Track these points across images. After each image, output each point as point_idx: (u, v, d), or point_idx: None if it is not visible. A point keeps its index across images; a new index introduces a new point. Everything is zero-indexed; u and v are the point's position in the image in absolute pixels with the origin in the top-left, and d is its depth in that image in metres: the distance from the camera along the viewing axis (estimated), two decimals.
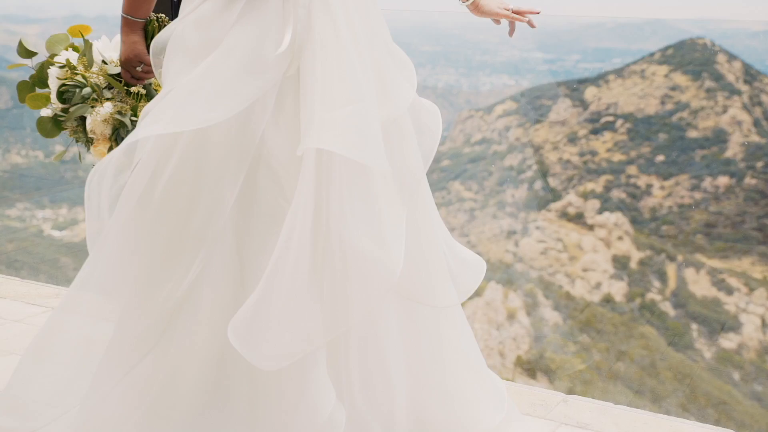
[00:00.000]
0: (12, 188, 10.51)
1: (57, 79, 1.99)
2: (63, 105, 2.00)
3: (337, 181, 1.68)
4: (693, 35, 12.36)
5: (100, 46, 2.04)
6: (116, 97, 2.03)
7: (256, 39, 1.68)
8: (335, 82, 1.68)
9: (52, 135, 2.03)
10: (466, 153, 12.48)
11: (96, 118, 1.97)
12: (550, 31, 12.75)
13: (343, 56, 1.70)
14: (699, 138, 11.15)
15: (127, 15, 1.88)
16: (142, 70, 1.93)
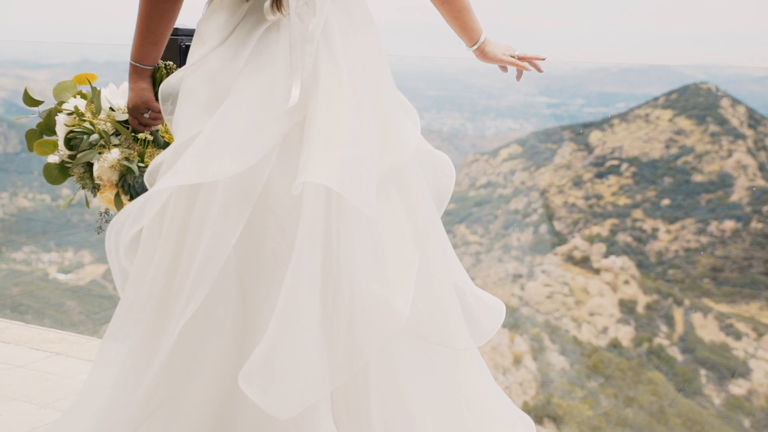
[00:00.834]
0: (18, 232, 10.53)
1: (65, 126, 2.00)
2: (70, 151, 2.01)
3: (347, 225, 1.68)
4: (697, 80, 12.43)
5: (107, 93, 2.06)
6: (123, 144, 2.04)
7: (266, 88, 1.69)
8: (336, 127, 1.69)
9: (59, 181, 2.04)
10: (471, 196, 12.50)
11: (103, 165, 1.97)
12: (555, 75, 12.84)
13: (344, 104, 1.71)
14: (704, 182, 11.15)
15: (135, 62, 1.90)
16: (150, 116, 1.94)
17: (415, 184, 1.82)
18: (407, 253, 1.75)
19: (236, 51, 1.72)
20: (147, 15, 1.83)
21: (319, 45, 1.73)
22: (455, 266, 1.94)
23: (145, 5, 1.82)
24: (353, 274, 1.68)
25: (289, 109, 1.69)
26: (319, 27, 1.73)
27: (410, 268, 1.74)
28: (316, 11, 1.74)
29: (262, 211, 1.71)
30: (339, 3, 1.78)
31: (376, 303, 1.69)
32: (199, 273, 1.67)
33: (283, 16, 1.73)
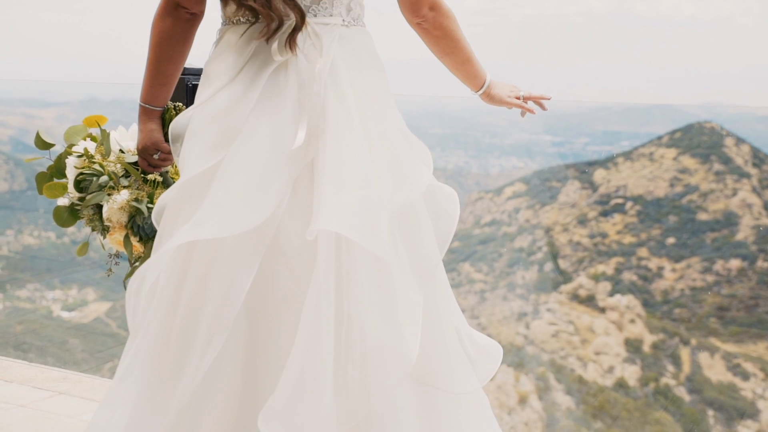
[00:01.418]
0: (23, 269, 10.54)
1: (75, 168, 2.01)
2: (80, 194, 2.01)
3: (357, 269, 1.68)
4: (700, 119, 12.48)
5: (117, 136, 2.07)
6: (133, 185, 2.04)
7: (276, 130, 1.70)
8: (347, 168, 1.69)
9: (69, 224, 2.04)
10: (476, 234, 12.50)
11: (113, 206, 1.98)
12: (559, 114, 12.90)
13: (355, 143, 1.71)
14: (709, 220, 11.14)
15: (145, 103, 1.91)
16: (159, 157, 1.95)
17: (418, 224, 1.82)
18: (412, 295, 1.75)
19: (244, 91, 1.73)
20: (157, 56, 1.84)
21: (327, 85, 1.74)
22: (454, 308, 1.93)
23: (155, 47, 1.84)
24: (363, 317, 1.67)
25: (300, 151, 1.70)
26: (327, 67, 1.74)
27: (416, 309, 1.73)
28: (323, 51, 1.75)
29: (272, 251, 1.71)
30: (346, 43, 1.80)
31: (385, 346, 1.68)
32: (216, 318, 1.66)
33: (291, 57, 1.74)
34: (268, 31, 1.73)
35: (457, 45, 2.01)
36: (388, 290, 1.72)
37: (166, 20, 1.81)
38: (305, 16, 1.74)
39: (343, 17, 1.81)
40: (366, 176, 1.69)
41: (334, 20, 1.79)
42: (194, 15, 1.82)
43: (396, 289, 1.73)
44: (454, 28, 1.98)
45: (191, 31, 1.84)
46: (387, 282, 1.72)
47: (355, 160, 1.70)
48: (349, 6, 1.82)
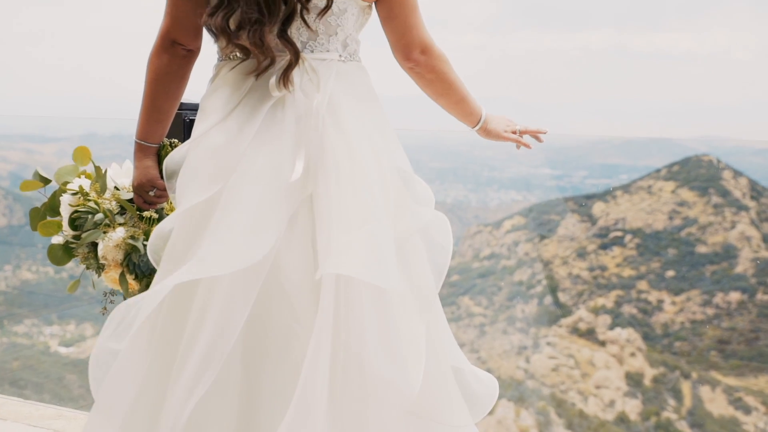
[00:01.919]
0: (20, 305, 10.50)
1: (69, 206, 2.00)
2: (75, 232, 2.00)
3: (357, 304, 1.67)
4: (698, 152, 12.52)
5: (111, 173, 2.06)
6: (129, 222, 2.03)
7: (273, 165, 1.70)
8: (350, 202, 1.69)
9: (63, 262, 2.03)
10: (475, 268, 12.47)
11: (108, 244, 1.97)
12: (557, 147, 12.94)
13: (357, 176, 1.71)
14: (708, 253, 11.13)
15: (140, 140, 1.91)
16: (155, 194, 1.94)
17: (416, 256, 1.81)
18: (414, 327, 1.74)
19: (241, 126, 1.73)
20: (153, 93, 1.85)
21: (326, 119, 1.75)
22: (451, 342, 1.92)
23: (151, 83, 1.84)
24: (363, 350, 1.66)
25: (297, 185, 1.69)
26: (324, 102, 1.74)
27: (419, 341, 1.72)
28: (321, 86, 1.75)
29: (271, 287, 1.70)
30: (343, 78, 1.80)
31: (386, 382, 1.66)
32: (206, 356, 1.64)
33: (288, 93, 1.74)
34: (258, 68, 1.73)
35: (451, 86, 2.01)
36: (389, 323, 1.71)
37: (163, 57, 1.81)
38: (299, 53, 1.74)
39: (340, 53, 1.82)
40: (370, 209, 1.69)
41: (331, 56, 1.80)
42: (190, 51, 1.83)
43: (398, 321, 1.72)
44: (447, 70, 1.98)
45: (187, 68, 1.85)
46: (388, 314, 1.71)
47: (357, 193, 1.70)
48: (345, 42, 1.83)
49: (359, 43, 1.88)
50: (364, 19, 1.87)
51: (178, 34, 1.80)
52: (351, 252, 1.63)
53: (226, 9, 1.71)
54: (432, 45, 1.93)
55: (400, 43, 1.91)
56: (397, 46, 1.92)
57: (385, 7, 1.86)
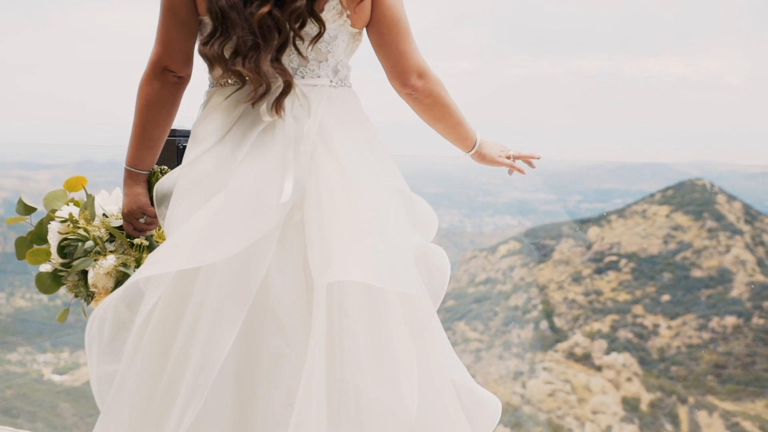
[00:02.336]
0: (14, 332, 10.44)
1: (58, 234, 1.99)
2: (63, 260, 1.99)
3: (352, 329, 1.66)
4: (692, 176, 12.56)
5: (99, 200, 2.05)
6: (119, 250, 2.02)
7: (259, 184, 1.70)
8: (348, 221, 1.69)
9: (52, 291, 2.01)
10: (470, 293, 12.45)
11: (99, 272, 1.95)
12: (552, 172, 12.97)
13: (353, 197, 1.71)
14: (704, 277, 11.13)
15: (130, 167, 1.90)
16: (145, 221, 1.94)
17: None
18: (407, 350, 1.73)
19: (232, 151, 1.73)
20: (143, 120, 1.85)
21: (317, 144, 1.75)
22: (453, 362, 1.91)
23: (141, 110, 1.84)
24: (359, 375, 1.65)
25: (285, 208, 1.69)
26: (315, 126, 1.75)
27: (411, 364, 1.71)
28: (311, 112, 1.76)
29: (263, 311, 1.69)
30: (334, 103, 1.81)
31: (382, 406, 1.66)
32: (195, 378, 1.63)
33: (279, 118, 1.75)
34: (255, 96, 1.74)
35: (447, 110, 2.02)
36: (385, 348, 1.70)
37: (153, 84, 1.82)
38: (292, 79, 1.75)
39: (331, 78, 1.83)
40: (370, 225, 1.69)
41: (322, 81, 1.81)
42: (181, 78, 1.83)
43: (394, 345, 1.71)
44: (444, 94, 1.99)
45: (178, 95, 1.85)
46: (384, 338, 1.70)
47: (355, 213, 1.70)
48: (335, 68, 1.84)
49: (350, 69, 1.89)
50: (355, 46, 1.88)
51: (169, 61, 1.80)
52: (358, 260, 1.64)
53: (222, 38, 1.72)
54: (428, 70, 1.94)
55: (396, 70, 1.91)
56: (393, 72, 1.92)
57: (377, 33, 1.87)
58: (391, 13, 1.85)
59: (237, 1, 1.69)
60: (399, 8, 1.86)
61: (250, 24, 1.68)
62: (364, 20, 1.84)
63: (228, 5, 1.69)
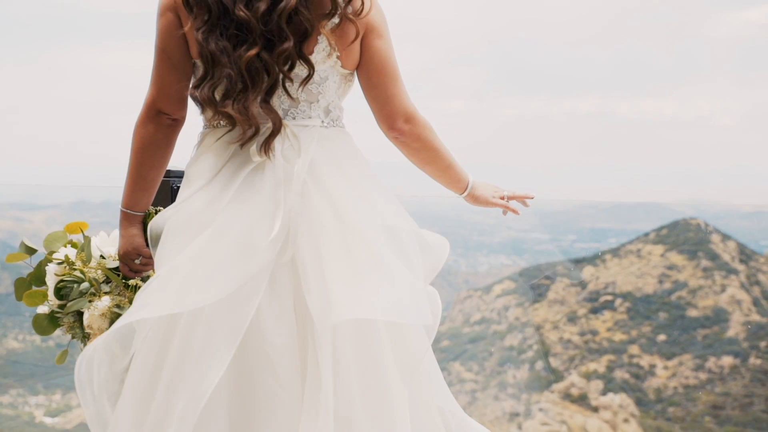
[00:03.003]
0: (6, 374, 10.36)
1: (55, 276, 2.00)
2: (60, 301, 2.00)
3: (344, 368, 1.66)
4: (686, 216, 12.59)
5: (98, 242, 2.07)
6: (114, 291, 2.03)
7: (247, 224, 1.71)
8: (344, 258, 1.69)
9: (49, 332, 2.03)
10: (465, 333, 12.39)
11: (93, 313, 1.96)
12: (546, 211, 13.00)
13: (347, 233, 1.72)
14: (699, 317, 11.11)
15: (126, 209, 1.92)
16: (141, 262, 1.94)
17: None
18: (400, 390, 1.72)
19: (221, 190, 1.75)
20: (138, 162, 1.86)
21: (307, 184, 1.76)
22: (441, 388, 1.90)
23: (136, 152, 1.85)
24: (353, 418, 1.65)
25: (274, 246, 1.70)
26: (305, 167, 1.76)
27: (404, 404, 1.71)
28: (302, 152, 1.77)
29: (255, 351, 1.69)
30: (325, 143, 1.82)
31: None
32: (183, 415, 1.63)
33: (268, 159, 1.76)
34: (243, 137, 1.75)
35: (437, 154, 2.03)
36: (377, 386, 1.70)
37: (148, 126, 1.83)
38: (281, 121, 1.77)
39: (322, 119, 1.84)
40: (369, 263, 1.70)
41: (313, 122, 1.82)
42: (176, 121, 1.85)
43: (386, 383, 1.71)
44: (432, 138, 1.99)
45: (172, 137, 1.87)
46: (376, 377, 1.70)
47: (352, 251, 1.71)
48: (327, 109, 1.85)
49: (342, 109, 1.90)
50: (347, 87, 1.90)
51: (163, 104, 1.82)
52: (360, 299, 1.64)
53: (212, 80, 1.74)
54: (415, 113, 1.94)
55: (383, 113, 1.92)
56: (380, 115, 1.93)
57: (365, 76, 1.89)
58: (380, 56, 1.87)
59: (227, 45, 1.71)
60: (388, 52, 1.88)
61: (239, 66, 1.70)
62: (354, 62, 1.86)
63: (218, 49, 1.71)
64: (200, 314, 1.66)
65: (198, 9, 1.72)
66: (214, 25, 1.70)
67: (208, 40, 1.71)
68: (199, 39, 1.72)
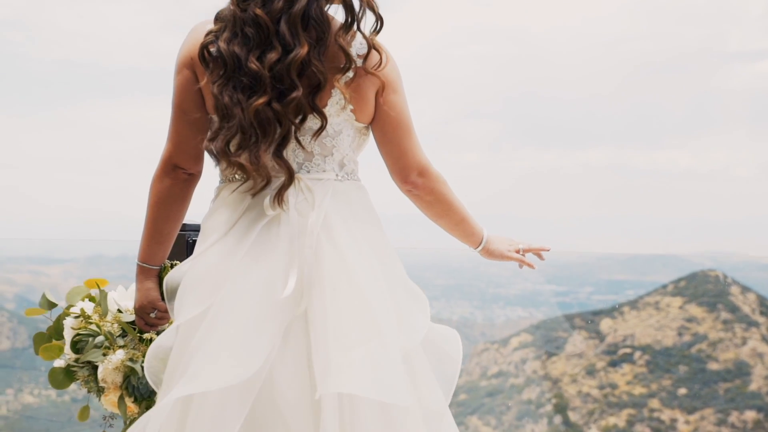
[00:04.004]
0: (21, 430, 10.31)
1: (71, 329, 2.02)
2: (76, 355, 2.01)
3: (362, 426, 1.64)
4: (704, 267, 12.50)
5: (116, 296, 2.08)
6: (129, 345, 2.03)
7: (265, 282, 1.71)
8: (348, 322, 1.69)
9: (64, 386, 2.03)
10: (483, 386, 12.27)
11: (107, 366, 1.96)
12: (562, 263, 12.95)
13: (355, 295, 1.71)
14: (721, 370, 10.95)
15: (142, 263, 1.92)
16: (156, 316, 1.95)
17: (421, 372, 1.79)
18: None
19: (235, 244, 1.75)
20: (155, 216, 1.87)
21: (321, 238, 1.76)
22: None
23: (153, 207, 1.87)
24: None
25: (290, 301, 1.70)
26: (319, 221, 1.76)
27: None
28: (315, 206, 1.78)
29: (266, 406, 1.68)
30: (339, 197, 1.82)
31: None
32: None
33: (282, 212, 1.76)
34: (255, 188, 1.76)
35: (450, 207, 2.03)
36: None
37: (165, 181, 1.85)
38: (294, 174, 1.78)
39: (336, 172, 1.85)
40: (369, 327, 1.69)
41: (327, 175, 1.83)
42: (192, 175, 1.87)
43: None
44: (445, 191, 2.00)
45: (189, 191, 1.88)
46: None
47: (356, 312, 1.70)
48: (341, 162, 1.86)
49: (357, 163, 1.91)
50: (362, 140, 1.91)
51: (180, 159, 1.84)
52: (353, 369, 1.63)
53: (226, 132, 1.76)
54: (429, 167, 1.95)
55: (397, 166, 1.93)
56: (394, 169, 1.94)
57: (379, 129, 1.90)
58: (395, 110, 1.88)
59: (240, 97, 1.73)
60: (402, 106, 1.89)
61: (250, 116, 1.72)
62: (368, 115, 1.87)
63: (231, 101, 1.73)
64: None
65: (214, 64, 1.75)
66: (229, 78, 1.73)
67: (223, 93, 1.73)
68: (214, 92, 1.74)
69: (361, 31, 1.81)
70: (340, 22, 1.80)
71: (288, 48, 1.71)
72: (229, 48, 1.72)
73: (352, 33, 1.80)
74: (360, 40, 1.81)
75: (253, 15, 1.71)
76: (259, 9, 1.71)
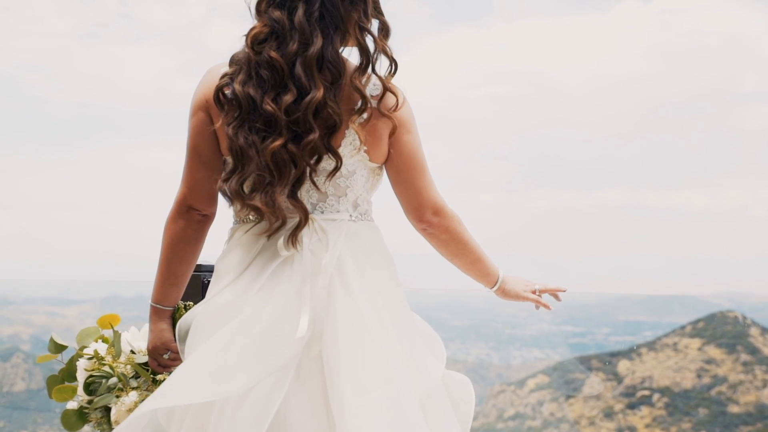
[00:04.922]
0: None
1: (85, 371, 2.01)
2: (89, 396, 2.00)
3: None
4: (723, 308, 12.38)
5: (129, 337, 2.08)
6: (142, 386, 2.02)
7: (274, 317, 1.70)
8: (362, 366, 1.68)
9: (77, 428, 2.03)
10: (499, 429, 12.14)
11: (121, 408, 1.95)
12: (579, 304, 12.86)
13: (368, 339, 1.71)
14: (741, 413, 10.79)
15: (155, 303, 1.92)
16: (169, 357, 1.94)
17: (441, 412, 1.78)
18: None
19: (249, 284, 1.75)
20: (169, 257, 1.88)
21: (334, 280, 1.75)
22: None
23: (167, 248, 1.87)
24: None
25: (301, 342, 1.69)
26: (333, 262, 1.76)
27: None
28: (329, 246, 1.77)
29: None
30: (353, 238, 1.82)
31: None
32: None
33: (296, 252, 1.76)
34: (270, 229, 1.77)
35: (465, 246, 2.02)
36: None
37: (179, 222, 1.85)
38: (308, 214, 1.78)
39: (350, 213, 1.85)
40: (383, 371, 1.68)
41: (341, 216, 1.83)
42: (206, 216, 1.87)
43: None
44: (461, 230, 2.00)
45: (203, 232, 1.89)
46: None
47: (370, 356, 1.69)
48: (356, 203, 1.86)
49: (371, 203, 1.91)
50: (375, 181, 1.91)
51: (194, 200, 1.84)
52: (371, 413, 1.62)
53: (240, 174, 1.76)
54: (444, 206, 1.95)
55: (411, 206, 1.93)
56: (409, 208, 1.94)
57: (393, 169, 1.90)
58: (408, 150, 1.88)
59: (255, 139, 1.73)
60: (416, 146, 1.89)
61: (266, 158, 1.72)
62: (382, 156, 1.88)
63: (246, 143, 1.74)
64: (226, 408, 1.65)
65: (229, 106, 1.76)
66: (244, 120, 1.74)
67: (238, 135, 1.73)
68: (229, 134, 1.75)
69: (376, 73, 1.82)
70: (354, 64, 1.81)
71: (303, 90, 1.72)
72: (245, 90, 1.73)
73: (368, 75, 1.81)
74: (374, 82, 1.82)
75: (268, 57, 1.72)
76: (274, 52, 1.72)
